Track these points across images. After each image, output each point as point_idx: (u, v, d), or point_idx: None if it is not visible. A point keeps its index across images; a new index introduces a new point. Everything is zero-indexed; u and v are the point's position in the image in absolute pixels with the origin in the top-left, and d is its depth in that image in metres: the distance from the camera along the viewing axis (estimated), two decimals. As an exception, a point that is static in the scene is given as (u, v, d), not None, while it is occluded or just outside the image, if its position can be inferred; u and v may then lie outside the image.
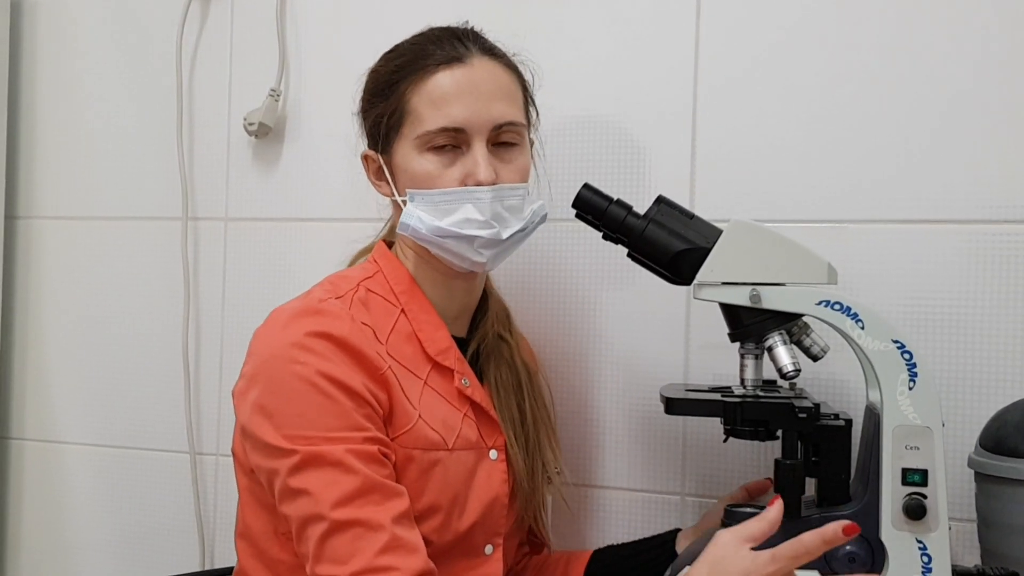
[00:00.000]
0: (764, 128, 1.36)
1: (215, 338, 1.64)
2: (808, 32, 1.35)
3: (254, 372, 1.07)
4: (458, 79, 1.11)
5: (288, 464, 1.01)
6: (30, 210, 1.77)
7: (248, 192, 1.63)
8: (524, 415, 1.23)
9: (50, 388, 1.75)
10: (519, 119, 1.15)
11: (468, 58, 1.12)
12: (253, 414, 1.05)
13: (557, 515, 1.41)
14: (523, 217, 1.14)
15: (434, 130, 1.10)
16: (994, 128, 1.27)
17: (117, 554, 1.70)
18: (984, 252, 1.27)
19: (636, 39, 1.43)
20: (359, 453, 1.01)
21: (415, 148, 1.12)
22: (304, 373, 1.03)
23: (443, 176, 1.11)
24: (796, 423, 1.07)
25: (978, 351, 1.27)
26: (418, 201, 1.13)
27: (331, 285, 1.14)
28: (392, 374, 1.09)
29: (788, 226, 1.31)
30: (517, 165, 1.15)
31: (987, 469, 1.12)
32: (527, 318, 1.43)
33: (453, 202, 1.11)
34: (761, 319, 1.09)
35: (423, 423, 1.10)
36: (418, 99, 1.12)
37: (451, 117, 1.10)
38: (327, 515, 0.99)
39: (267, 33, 1.61)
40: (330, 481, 1.00)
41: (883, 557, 1.04)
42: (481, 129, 1.11)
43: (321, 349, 1.04)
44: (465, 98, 1.10)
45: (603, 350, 1.43)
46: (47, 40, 1.76)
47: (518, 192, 1.14)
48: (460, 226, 1.11)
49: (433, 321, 1.17)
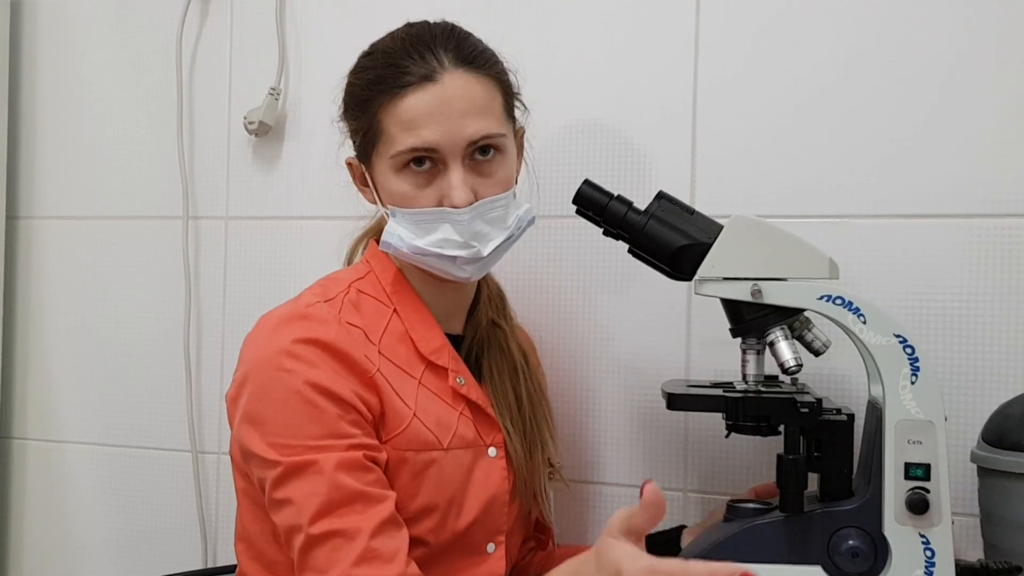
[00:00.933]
0: (765, 123, 1.36)
1: (216, 336, 1.64)
2: (808, 27, 1.35)
3: (243, 379, 1.07)
4: (428, 101, 1.08)
5: (273, 475, 1.02)
6: (31, 210, 1.77)
7: (248, 191, 1.63)
8: (521, 400, 1.22)
9: (52, 388, 1.75)
10: (495, 130, 1.11)
11: (439, 75, 1.08)
12: (242, 423, 1.06)
13: (560, 512, 1.41)
14: (507, 227, 1.13)
15: (405, 150, 1.08)
16: (995, 122, 1.27)
17: (120, 553, 1.70)
18: (986, 246, 1.27)
19: (635, 36, 1.42)
20: (343, 462, 1.01)
21: (390, 168, 1.11)
22: (290, 381, 1.03)
23: (419, 197, 1.10)
24: (798, 418, 1.06)
25: (980, 345, 1.27)
26: (399, 217, 1.12)
27: (321, 288, 1.14)
28: (382, 376, 1.08)
29: (789, 221, 1.30)
30: (497, 177, 1.12)
31: (990, 463, 1.12)
32: (528, 315, 1.43)
33: (432, 221, 1.10)
34: (762, 314, 1.09)
35: (418, 422, 1.09)
36: (389, 120, 1.09)
37: (423, 139, 1.07)
38: (306, 527, 0.99)
39: (266, 31, 1.61)
40: (311, 491, 1.00)
41: (886, 552, 1.04)
42: (455, 149, 1.08)
43: (309, 356, 1.04)
44: (437, 118, 1.08)
45: (605, 346, 1.43)
46: (47, 40, 1.76)
47: (499, 203, 1.11)
48: (439, 246, 1.09)
49: (426, 320, 1.16)
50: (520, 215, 1.15)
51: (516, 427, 1.20)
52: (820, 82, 1.34)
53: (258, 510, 1.11)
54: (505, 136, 1.13)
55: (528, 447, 1.21)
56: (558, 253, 1.45)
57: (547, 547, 1.34)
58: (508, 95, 1.16)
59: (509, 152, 1.15)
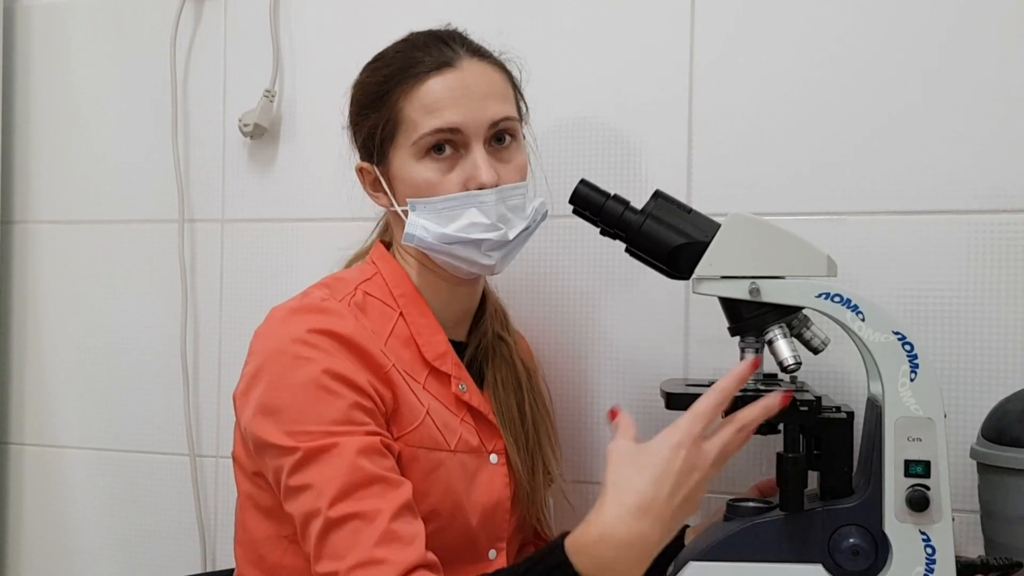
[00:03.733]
0: (761, 122, 1.36)
1: (213, 340, 1.64)
2: (805, 24, 1.35)
3: (256, 370, 1.06)
4: (450, 83, 1.10)
5: (291, 462, 1.00)
6: (26, 214, 1.76)
7: (244, 193, 1.63)
8: (524, 415, 1.22)
9: (49, 392, 1.74)
10: (512, 114, 1.15)
11: (457, 61, 1.11)
12: (255, 415, 1.04)
13: (560, 511, 1.41)
14: (526, 216, 1.14)
15: (429, 132, 1.09)
16: (992, 117, 1.27)
17: (118, 557, 1.70)
18: (984, 242, 1.27)
19: (630, 34, 1.42)
20: (362, 446, 1.00)
21: (412, 156, 1.11)
22: (308, 369, 1.02)
23: (443, 182, 1.11)
24: (798, 416, 1.06)
25: (979, 341, 1.27)
26: (420, 210, 1.12)
27: (328, 288, 1.13)
28: (397, 372, 1.08)
29: (787, 219, 1.30)
30: (516, 164, 1.14)
31: (989, 459, 1.12)
32: (526, 316, 1.43)
33: (457, 207, 1.10)
34: (761, 312, 1.09)
35: (430, 420, 1.09)
36: (411, 107, 1.11)
37: (446, 119, 1.09)
38: (325, 510, 0.97)
39: (261, 34, 1.60)
40: (331, 475, 0.98)
41: (887, 549, 1.04)
42: (478, 130, 1.10)
43: (326, 346, 1.04)
44: (460, 101, 1.10)
45: (603, 346, 1.43)
46: (41, 44, 1.75)
47: (519, 191, 1.13)
48: (466, 231, 1.10)
49: (431, 325, 1.16)
50: (536, 207, 1.16)
51: (519, 442, 1.20)
52: (816, 80, 1.34)
53: (262, 514, 1.11)
54: (519, 123, 1.16)
55: (531, 464, 1.21)
56: (556, 253, 1.45)
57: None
58: (516, 89, 1.19)
59: (522, 143, 1.17)
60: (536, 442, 1.23)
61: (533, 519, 1.24)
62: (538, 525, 1.26)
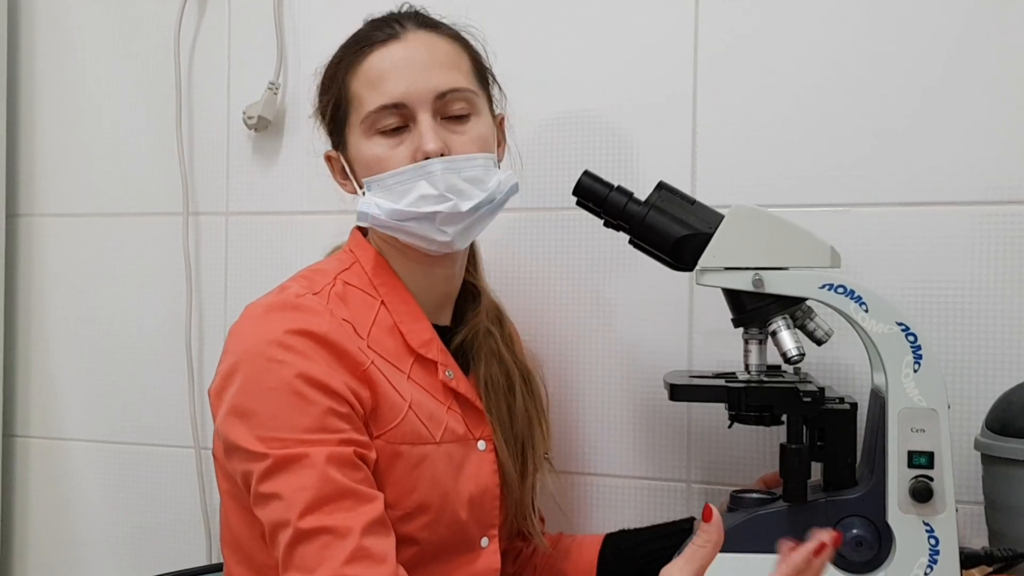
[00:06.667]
0: (765, 113, 1.36)
1: (218, 332, 1.64)
2: (808, 15, 1.34)
3: (230, 370, 1.02)
4: (392, 55, 1.09)
5: (260, 468, 0.98)
6: (31, 208, 1.76)
7: (248, 186, 1.63)
8: (514, 416, 1.20)
9: (54, 385, 1.75)
10: (464, 84, 1.11)
11: (402, 34, 1.10)
12: (227, 416, 1.01)
13: (565, 504, 1.41)
14: (486, 188, 1.09)
15: (374, 109, 1.08)
16: (997, 108, 1.27)
17: (124, 549, 1.70)
18: (988, 233, 1.27)
19: (633, 26, 1.42)
20: (333, 456, 0.97)
21: (363, 134, 1.10)
22: (282, 373, 0.99)
23: (392, 157, 1.09)
24: (801, 407, 1.06)
25: (983, 332, 1.27)
26: (375, 189, 1.10)
27: (306, 280, 1.10)
28: (376, 369, 1.06)
29: (790, 210, 1.30)
30: (471, 135, 1.10)
31: (993, 451, 1.12)
32: (529, 308, 1.43)
33: (407, 182, 1.08)
34: (764, 304, 1.09)
35: (413, 415, 1.07)
36: (357, 83, 1.10)
37: (389, 94, 1.08)
38: (295, 521, 0.95)
39: (265, 26, 1.60)
40: (301, 486, 0.96)
41: (890, 540, 1.04)
42: (423, 101, 1.08)
43: (301, 347, 1.01)
44: (402, 72, 1.08)
45: (606, 338, 1.43)
46: (45, 37, 1.76)
47: (475, 162, 1.09)
48: (416, 204, 1.07)
49: (413, 312, 1.14)
50: (501, 179, 1.12)
51: (508, 443, 1.18)
52: (821, 70, 1.34)
53: (245, 512, 1.07)
54: (476, 95, 1.13)
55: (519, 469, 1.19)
56: (559, 245, 1.45)
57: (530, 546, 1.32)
58: (477, 63, 1.16)
59: (484, 116, 1.14)
60: (530, 442, 1.21)
61: (521, 524, 1.22)
62: (522, 523, 1.23)
